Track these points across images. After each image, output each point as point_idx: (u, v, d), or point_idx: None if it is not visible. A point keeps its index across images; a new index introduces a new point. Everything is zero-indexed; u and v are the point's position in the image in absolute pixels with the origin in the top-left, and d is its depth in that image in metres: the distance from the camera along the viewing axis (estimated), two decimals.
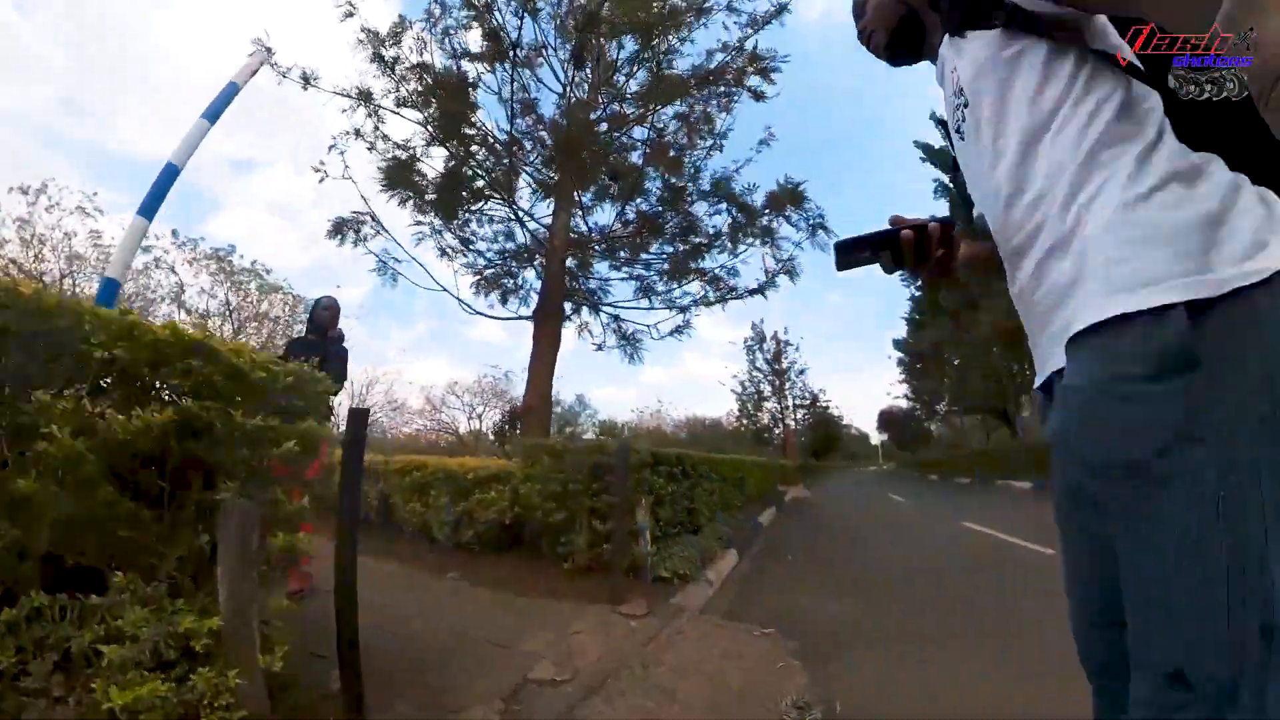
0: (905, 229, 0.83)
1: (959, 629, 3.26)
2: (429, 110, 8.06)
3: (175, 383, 1.71)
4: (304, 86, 7.65)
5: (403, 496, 5.57)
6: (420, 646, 2.69)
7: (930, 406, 36.74)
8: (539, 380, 7.47)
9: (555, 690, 2.32)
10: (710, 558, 5.01)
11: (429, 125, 8.11)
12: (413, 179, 8.31)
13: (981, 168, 0.73)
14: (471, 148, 8.52)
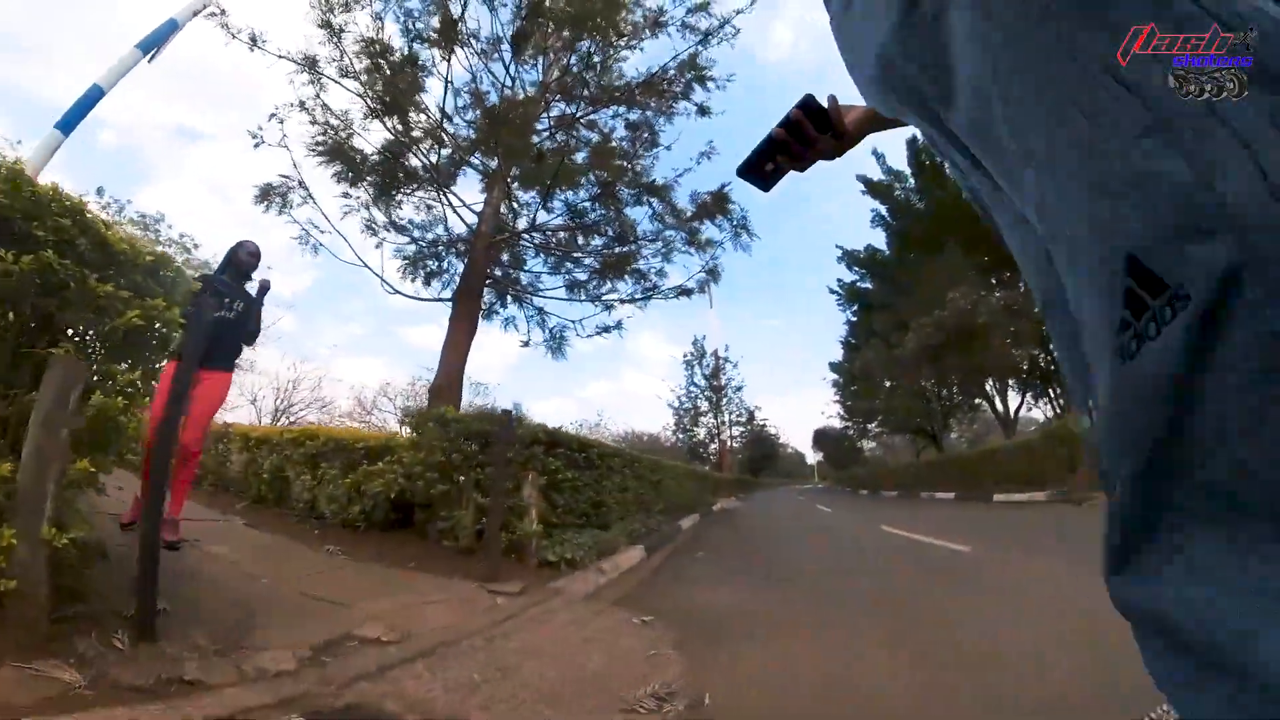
0: (776, 128, 0.88)
1: (858, 620, 3.09)
2: (374, 86, 7.78)
3: (43, 235, 1.77)
4: (251, 47, 7.35)
5: (294, 469, 5.14)
6: (255, 597, 2.52)
7: (863, 426, 37.96)
8: (451, 362, 7.10)
9: (376, 649, 2.11)
10: (611, 550, 4.70)
11: (368, 98, 7.82)
12: (348, 151, 8.04)
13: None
14: (413, 132, 8.26)
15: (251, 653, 1.89)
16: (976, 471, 15.34)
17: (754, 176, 0.94)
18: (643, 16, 8.53)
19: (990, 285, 21.87)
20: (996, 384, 23.44)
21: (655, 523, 7.24)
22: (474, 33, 8.25)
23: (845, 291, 33.63)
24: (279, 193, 7.97)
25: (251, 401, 22.12)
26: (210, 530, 3.91)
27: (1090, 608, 2.70)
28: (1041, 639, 2.39)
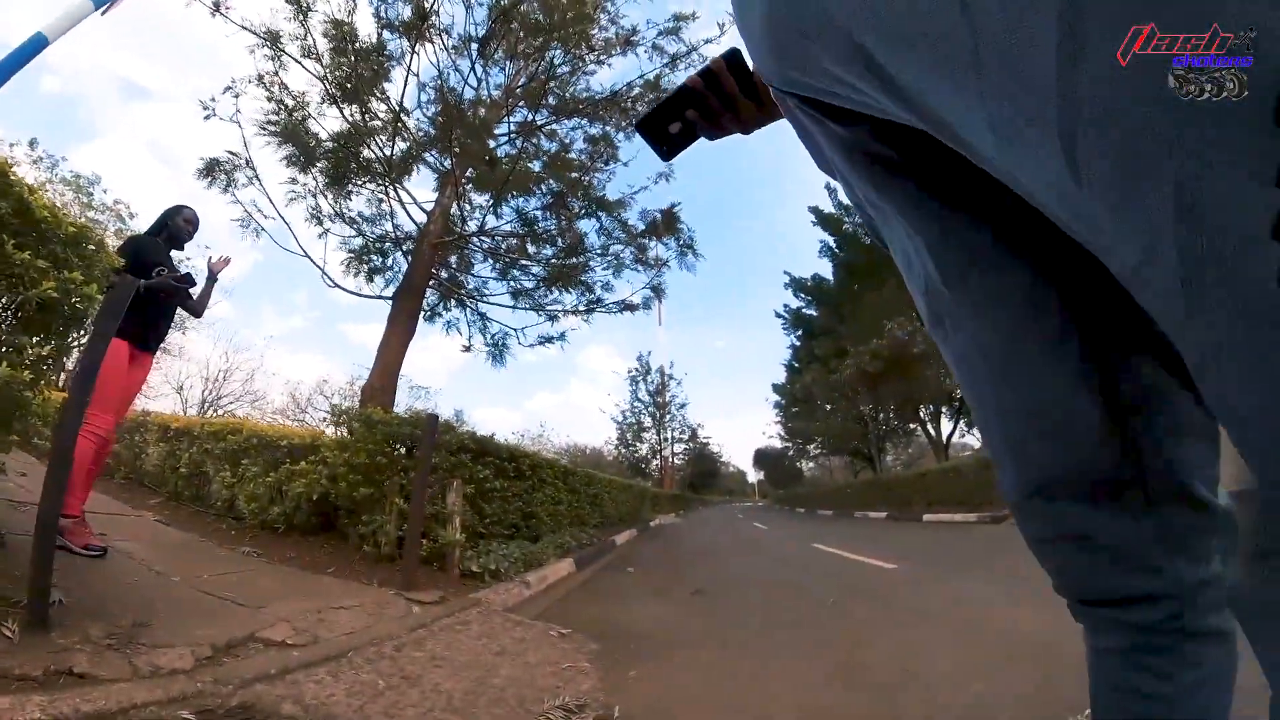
0: (693, 76, 0.76)
1: (779, 637, 3.13)
2: (336, 70, 7.54)
3: None
4: (213, 12, 6.94)
5: (214, 464, 4.83)
6: (160, 595, 2.42)
7: (802, 447, 39.02)
8: (386, 361, 6.86)
9: (280, 651, 2.03)
10: (539, 563, 4.62)
11: (329, 83, 7.57)
12: (302, 135, 7.74)
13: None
14: (371, 122, 8.03)
15: (148, 649, 1.82)
16: (909, 493, 15.97)
17: (654, 136, 0.79)
18: (615, 34, 8.70)
19: None
20: (930, 411, 24.67)
21: (588, 537, 7.17)
22: (446, 28, 8.15)
23: (790, 317, 34.76)
24: (224, 170, 7.60)
25: (178, 390, 20.66)
26: (120, 524, 3.66)
27: (1006, 627, 2.85)
28: (959, 657, 2.47)
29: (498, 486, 4.63)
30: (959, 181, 0.55)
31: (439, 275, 8.86)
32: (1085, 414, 0.55)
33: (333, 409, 4.60)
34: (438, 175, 8.87)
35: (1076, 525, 0.59)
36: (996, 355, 0.59)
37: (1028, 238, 0.55)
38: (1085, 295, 0.55)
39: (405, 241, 8.81)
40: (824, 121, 0.59)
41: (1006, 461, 0.62)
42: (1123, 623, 0.60)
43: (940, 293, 0.61)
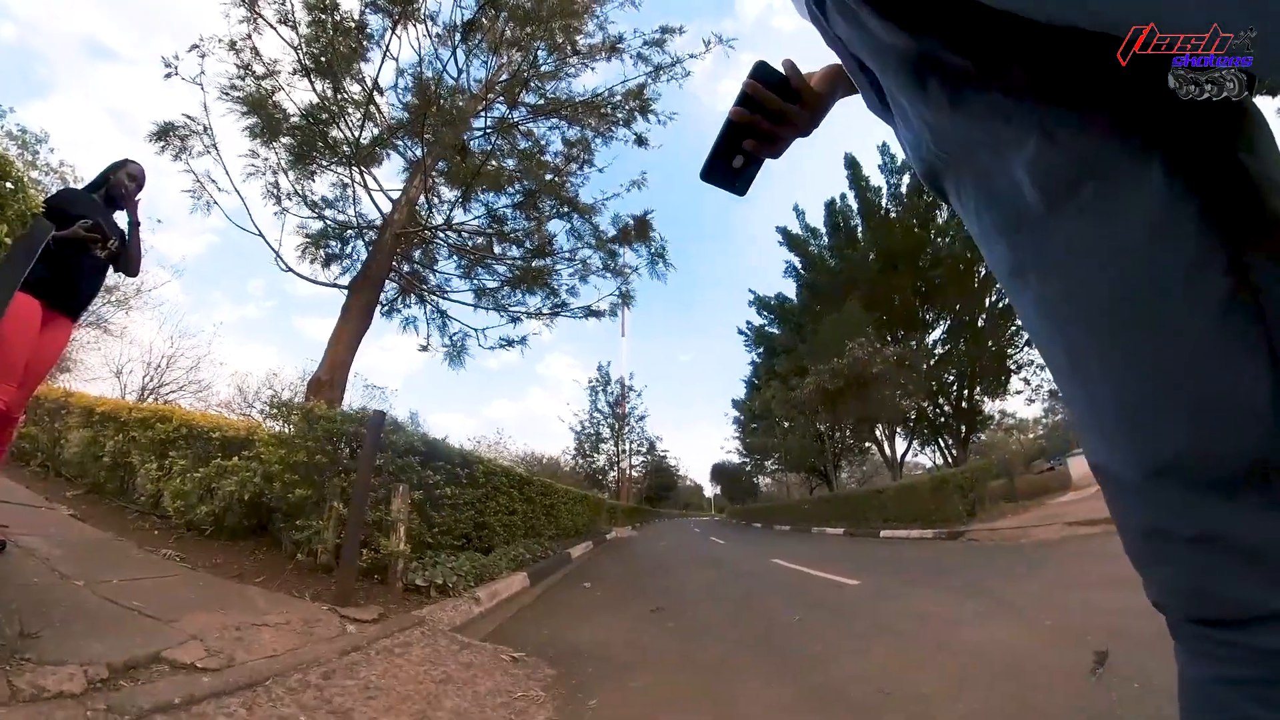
0: (734, 108, 0.73)
1: (742, 658, 2.99)
2: (314, 42, 7.13)
3: None
4: None
5: (140, 455, 4.36)
6: (59, 602, 2.12)
7: (760, 462, 39.43)
8: (337, 354, 6.46)
9: (187, 675, 1.74)
10: (491, 577, 4.35)
11: (303, 54, 7.15)
12: (268, 106, 7.28)
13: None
14: (343, 101, 7.63)
15: (33, 666, 1.56)
16: (866, 509, 16.26)
17: (721, 177, 0.77)
18: (602, 40, 8.66)
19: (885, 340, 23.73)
20: (886, 430, 25.32)
21: (543, 549, 6.89)
22: (432, 14, 7.87)
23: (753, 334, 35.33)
24: (179, 134, 7.07)
25: (116, 374, 19.19)
26: (28, 517, 3.28)
27: (977, 643, 2.78)
28: (935, 677, 2.39)
29: (449, 493, 4.33)
30: (1057, 76, 0.46)
31: (400, 268, 8.51)
32: (1231, 368, 0.43)
33: (272, 400, 4.21)
34: (407, 163, 8.56)
35: (1210, 520, 0.45)
36: (1112, 295, 0.47)
37: (1155, 130, 0.44)
38: (1231, 207, 0.43)
39: (367, 230, 8.46)
40: (874, 31, 0.50)
41: (1119, 435, 0.49)
42: (1248, 647, 0.46)
43: (1038, 222, 0.49)
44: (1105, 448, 0.51)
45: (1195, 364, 0.44)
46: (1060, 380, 0.53)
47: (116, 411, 4.86)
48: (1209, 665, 0.50)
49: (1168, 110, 0.44)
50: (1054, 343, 0.52)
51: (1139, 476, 0.48)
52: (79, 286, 2.69)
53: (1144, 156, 0.44)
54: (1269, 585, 0.44)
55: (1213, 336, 0.43)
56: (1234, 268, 0.42)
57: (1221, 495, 0.44)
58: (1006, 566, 5.64)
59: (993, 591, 4.21)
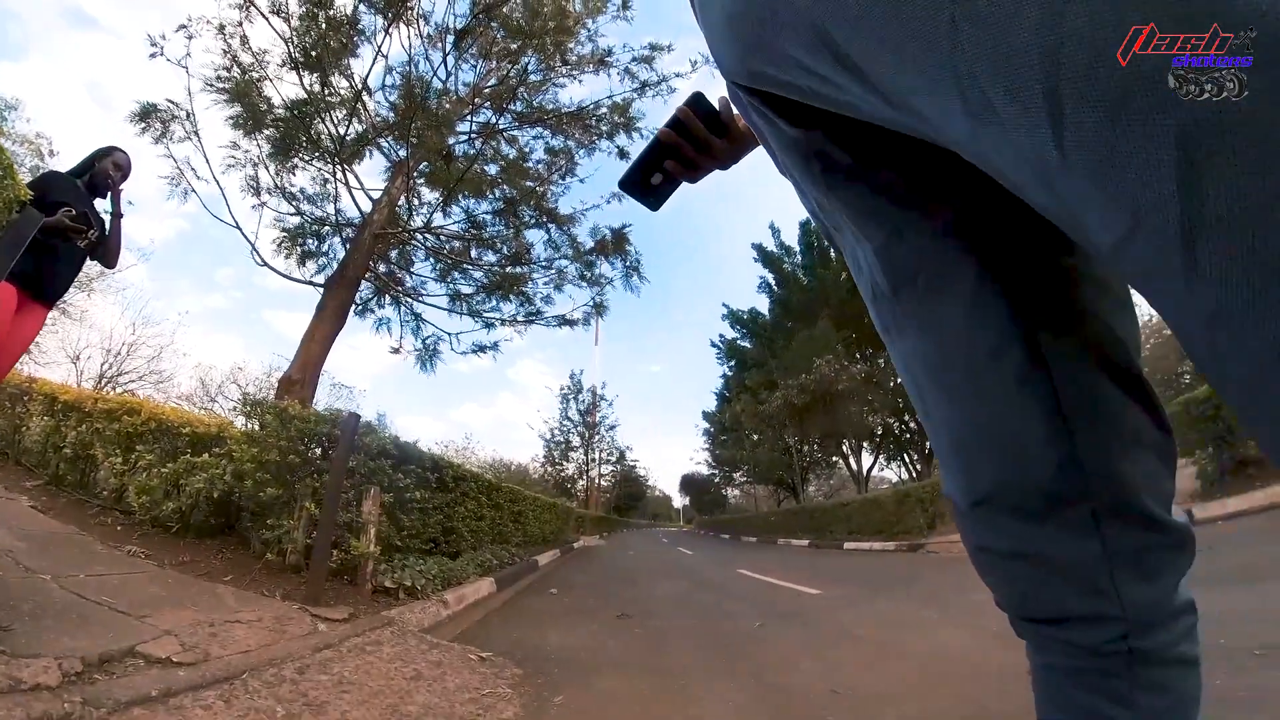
0: (663, 129, 0.78)
1: (704, 661, 3.08)
2: (305, 35, 7.06)
3: None
4: None
5: (104, 448, 4.23)
6: (27, 595, 2.13)
7: (729, 474, 39.75)
8: (310, 352, 6.39)
9: (163, 669, 1.78)
10: (458, 581, 4.37)
11: (293, 46, 7.08)
12: (254, 96, 7.21)
13: None
14: (330, 96, 7.59)
15: (8, 660, 1.57)
16: (831, 522, 16.53)
17: (638, 190, 0.81)
18: (591, 52, 8.78)
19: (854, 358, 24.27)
20: (852, 444, 25.85)
21: (510, 555, 6.90)
22: (425, 14, 7.92)
23: (725, 347, 35.71)
24: (161, 118, 6.95)
25: (73, 360, 18.31)
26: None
27: (932, 649, 2.93)
28: (888, 679, 2.51)
29: (418, 497, 4.35)
30: (913, 181, 0.55)
31: (376, 268, 8.45)
32: (1026, 424, 0.54)
33: (244, 398, 4.18)
34: (390, 163, 8.52)
35: (1019, 540, 0.57)
36: (940, 362, 0.58)
37: (978, 235, 0.55)
38: (1030, 298, 0.54)
39: (346, 228, 8.38)
40: (776, 123, 0.58)
41: (951, 469, 0.61)
42: (1066, 643, 0.58)
43: (887, 299, 0.60)
44: (947, 478, 0.62)
45: (999, 419, 0.55)
46: (921, 421, 0.64)
47: (80, 401, 4.72)
48: (1041, 655, 0.61)
49: (1000, 220, 0.54)
50: (910, 389, 0.64)
51: (966, 505, 0.60)
52: (57, 275, 2.67)
53: (964, 258, 0.55)
54: (1074, 592, 0.55)
55: (1013, 399, 0.54)
56: (1030, 346, 0.53)
57: (1025, 521, 0.55)
58: (960, 577, 5.86)
59: (946, 600, 4.41)
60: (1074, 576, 0.55)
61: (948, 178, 0.54)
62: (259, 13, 6.92)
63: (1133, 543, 0.54)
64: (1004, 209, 0.53)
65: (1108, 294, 0.55)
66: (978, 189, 0.53)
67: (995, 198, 0.52)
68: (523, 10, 7.70)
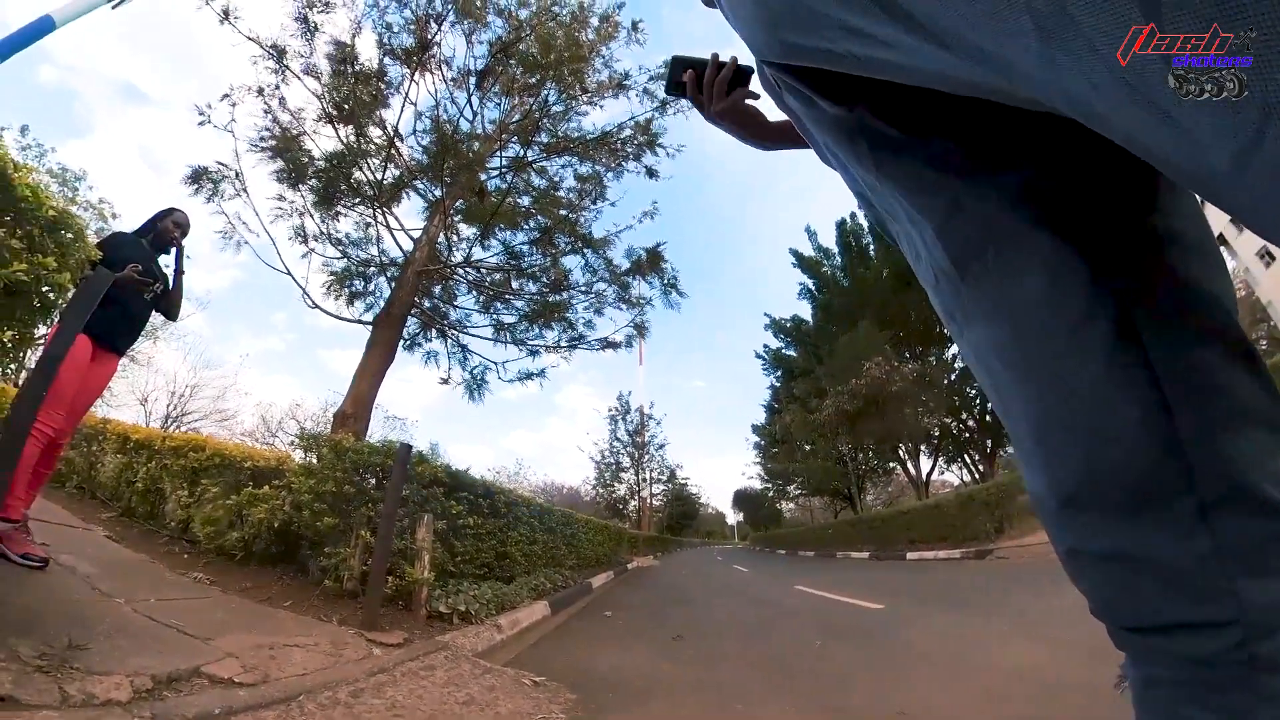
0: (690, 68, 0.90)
1: (763, 683, 2.98)
2: (337, 90, 7.57)
3: None
4: (221, 20, 6.99)
5: (172, 482, 4.52)
6: (101, 617, 2.20)
7: (782, 487, 38.82)
8: (361, 388, 6.66)
9: (225, 689, 1.84)
10: (512, 605, 4.40)
11: (326, 102, 7.60)
12: (295, 151, 7.71)
13: None
14: (365, 145, 8.05)
15: (82, 675, 1.64)
16: (891, 531, 15.92)
17: (673, 74, 0.93)
18: (609, 77, 8.96)
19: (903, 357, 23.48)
20: (909, 449, 24.84)
21: (564, 578, 6.91)
22: (447, 59, 8.31)
23: (770, 357, 35.17)
24: (212, 179, 7.50)
25: (142, 401, 19.86)
26: (66, 537, 3.42)
27: (1001, 664, 2.76)
28: (955, 698, 2.38)
29: (471, 523, 4.43)
30: (972, 147, 0.51)
31: (421, 304, 8.77)
32: (1118, 407, 0.47)
33: (301, 433, 4.39)
34: (427, 204, 8.89)
35: (1116, 540, 0.50)
36: (1016, 345, 0.52)
37: (1050, 199, 0.49)
38: (1115, 263, 0.48)
39: (390, 267, 8.76)
40: (816, 102, 0.55)
41: (1036, 465, 0.54)
42: (1175, 653, 0.50)
43: (953, 281, 0.55)
44: (1031, 476, 0.55)
45: (1087, 403, 0.48)
46: (999, 414, 0.58)
47: (150, 440, 5.08)
48: (1144, 668, 0.54)
49: (1074, 180, 0.49)
50: (983, 381, 0.58)
51: (1055, 503, 0.53)
52: (126, 326, 2.92)
53: (1037, 225, 0.49)
54: (1181, 596, 0.48)
55: (1102, 378, 0.47)
56: (1119, 317, 0.47)
57: (1122, 517, 0.49)
58: (1034, 584, 5.51)
59: (1019, 610, 4.14)
60: (1181, 577, 0.48)
61: (1010, 139, 0.49)
62: (293, 74, 7.44)
63: (1249, 535, 0.46)
64: (1076, 167, 0.49)
65: (1197, 251, 0.50)
66: (1046, 147, 0.48)
67: (1066, 155, 0.48)
68: (537, 45, 7.95)
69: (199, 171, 7.48)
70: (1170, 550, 0.48)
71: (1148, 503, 0.48)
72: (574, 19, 8.43)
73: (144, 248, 3.06)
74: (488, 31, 8.24)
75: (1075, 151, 0.47)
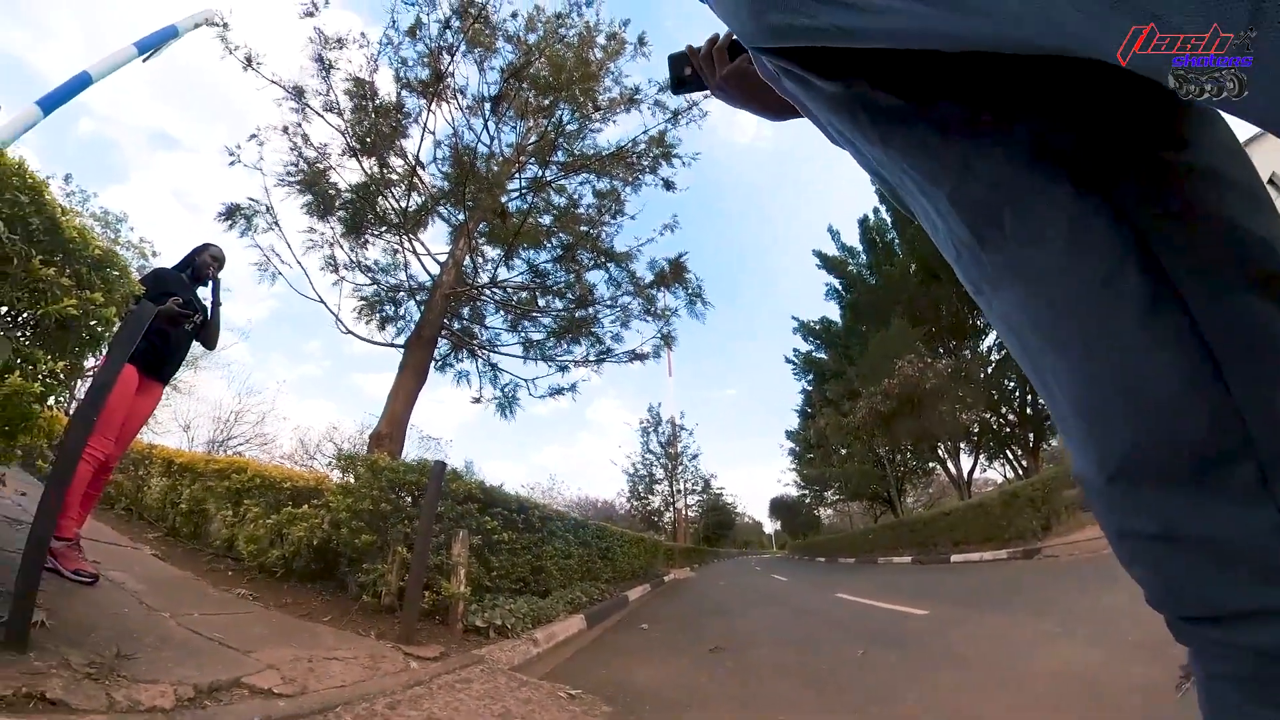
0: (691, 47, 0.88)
1: (810, 694, 2.92)
2: (357, 125, 7.90)
3: None
4: (245, 67, 7.44)
5: (215, 503, 4.73)
6: (148, 629, 2.32)
7: (819, 493, 38.08)
8: (395, 409, 6.84)
9: (264, 699, 1.90)
10: (548, 619, 4.41)
11: (349, 137, 7.93)
12: (322, 185, 8.06)
13: None
14: (388, 175, 8.35)
15: (128, 683, 1.71)
16: (934, 533, 15.41)
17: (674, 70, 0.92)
18: (619, 93, 9.10)
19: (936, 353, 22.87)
20: (948, 447, 24.06)
21: (600, 592, 6.90)
22: (461, 89, 8.58)
23: (800, 361, 34.68)
24: (245, 214, 7.87)
25: (185, 428, 20.72)
26: (115, 555, 3.59)
27: (1053, 668, 2.65)
28: (1007, 705, 2.30)
29: (506, 538, 4.47)
30: (976, 106, 0.48)
31: (451, 326, 8.97)
32: (1162, 366, 0.42)
33: (338, 453, 4.53)
34: (451, 228, 9.13)
35: (1169, 517, 0.44)
36: (1046, 310, 0.48)
37: (1064, 147, 0.46)
38: (1141, 208, 0.43)
39: (418, 291, 9.00)
40: (813, 82, 0.53)
41: (1078, 441, 0.50)
42: (1239, 646, 0.44)
43: (973, 250, 0.51)
44: (1075, 453, 0.51)
45: (1126, 367, 0.44)
46: (1037, 389, 0.54)
47: (193, 463, 5.33)
48: (1207, 664, 0.48)
49: (1088, 124, 0.45)
50: (1018, 355, 0.53)
51: (1102, 480, 0.48)
52: (169, 356, 3.08)
53: (1053, 177, 0.45)
54: (1231, 580, 0.43)
55: (1140, 338, 0.43)
56: (1151, 266, 0.43)
57: (1175, 491, 0.43)
58: (1085, 581, 5.27)
59: (1070, 609, 3.96)
60: (1243, 557, 0.42)
61: (1016, 91, 0.47)
62: (315, 112, 7.79)
63: None
64: (1088, 110, 0.45)
65: (1239, 191, 0.45)
66: (1053, 96, 0.46)
67: (1076, 100, 0.45)
68: (547, 68, 8.11)
69: (232, 209, 7.85)
70: (1229, 526, 0.42)
71: (1202, 472, 0.42)
72: (581, 39, 8.61)
73: (184, 282, 3.24)
74: (498, 58, 8.50)
75: (1085, 94, 0.43)
